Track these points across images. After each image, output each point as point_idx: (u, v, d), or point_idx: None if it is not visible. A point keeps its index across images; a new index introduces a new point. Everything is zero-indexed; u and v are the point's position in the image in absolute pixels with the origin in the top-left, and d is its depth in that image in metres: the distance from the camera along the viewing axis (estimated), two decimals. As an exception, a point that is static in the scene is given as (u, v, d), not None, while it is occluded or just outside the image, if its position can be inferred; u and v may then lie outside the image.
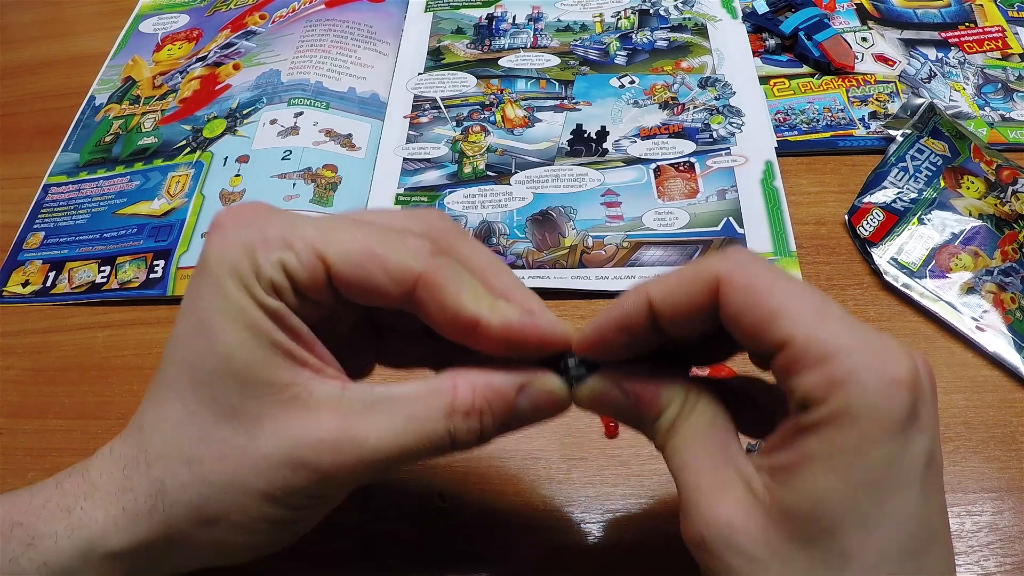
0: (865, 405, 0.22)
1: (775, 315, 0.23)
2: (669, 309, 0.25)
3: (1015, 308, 0.43)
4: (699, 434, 0.27)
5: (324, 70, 0.58)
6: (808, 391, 0.23)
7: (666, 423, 0.27)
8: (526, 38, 0.60)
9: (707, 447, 0.26)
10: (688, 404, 0.27)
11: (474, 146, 0.53)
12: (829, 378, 0.22)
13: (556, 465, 0.39)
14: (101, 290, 0.48)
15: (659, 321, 0.26)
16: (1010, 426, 0.39)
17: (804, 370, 0.23)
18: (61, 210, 0.53)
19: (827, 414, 0.22)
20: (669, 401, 0.27)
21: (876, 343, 0.23)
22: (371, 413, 0.26)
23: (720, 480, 0.25)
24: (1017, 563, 0.35)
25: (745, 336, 0.24)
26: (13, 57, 0.64)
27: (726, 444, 0.26)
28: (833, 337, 0.23)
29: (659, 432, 0.27)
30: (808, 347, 0.23)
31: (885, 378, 0.22)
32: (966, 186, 0.47)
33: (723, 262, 0.25)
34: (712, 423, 0.27)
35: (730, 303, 0.24)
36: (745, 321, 0.24)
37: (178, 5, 0.68)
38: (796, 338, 0.23)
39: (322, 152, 0.53)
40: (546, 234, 0.48)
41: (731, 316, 0.24)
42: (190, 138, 0.56)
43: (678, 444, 0.27)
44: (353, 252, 0.25)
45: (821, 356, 0.23)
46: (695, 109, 0.54)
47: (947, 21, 0.59)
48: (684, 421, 0.27)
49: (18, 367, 0.45)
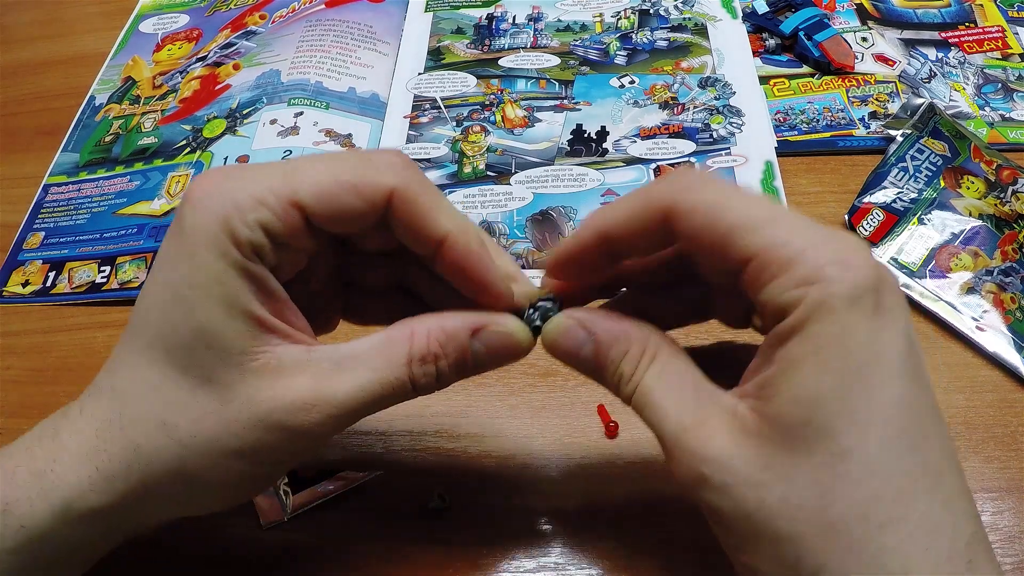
0: (837, 296, 0.22)
1: (732, 232, 0.24)
2: (620, 235, 0.26)
3: (1015, 308, 0.43)
4: (670, 375, 0.26)
5: (324, 70, 0.58)
6: (781, 296, 0.23)
7: (630, 365, 0.27)
8: (526, 38, 0.60)
9: (681, 386, 0.26)
10: (652, 345, 0.27)
11: (474, 146, 0.53)
12: (799, 279, 0.23)
13: (556, 465, 0.39)
14: (101, 290, 0.48)
15: (612, 247, 0.27)
16: (1010, 426, 0.39)
17: (773, 278, 0.23)
18: (61, 210, 0.53)
19: (804, 314, 0.23)
20: (633, 341, 0.27)
21: (834, 240, 0.23)
22: (337, 371, 0.27)
23: (704, 416, 0.25)
24: (1017, 563, 0.35)
25: (707, 260, 0.25)
26: (13, 57, 0.64)
27: (698, 382, 0.26)
28: (793, 240, 0.23)
29: (624, 377, 0.27)
30: (772, 256, 0.23)
31: (851, 269, 0.23)
32: (966, 186, 0.47)
33: (671, 187, 0.25)
34: (680, 364, 0.27)
35: (686, 229, 0.25)
36: (705, 244, 0.24)
37: (178, 5, 0.68)
38: (759, 250, 0.23)
39: (322, 152, 0.53)
40: (546, 234, 0.48)
41: (689, 237, 0.25)
42: (190, 138, 0.56)
43: (650, 386, 0.26)
44: (323, 185, 0.26)
45: (786, 261, 0.23)
46: (695, 109, 0.54)
47: (947, 21, 0.59)
48: (653, 364, 0.27)
49: (18, 367, 0.45)
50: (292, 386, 0.26)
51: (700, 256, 0.25)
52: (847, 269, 0.23)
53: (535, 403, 0.41)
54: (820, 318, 0.23)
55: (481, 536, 0.36)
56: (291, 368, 0.26)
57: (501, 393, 0.41)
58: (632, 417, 0.37)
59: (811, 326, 0.23)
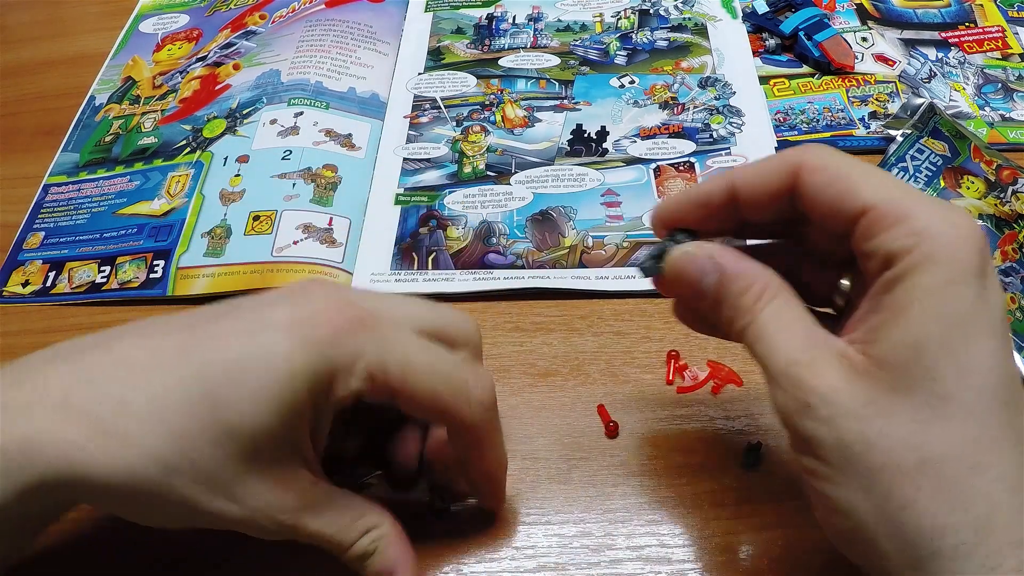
0: (947, 249, 0.24)
1: (855, 187, 0.26)
2: (750, 189, 0.29)
3: (1015, 308, 0.43)
4: (786, 314, 0.28)
5: (324, 70, 0.58)
6: (893, 245, 0.25)
7: (750, 300, 0.28)
8: (526, 38, 0.60)
9: (794, 326, 0.27)
10: (773, 286, 0.28)
11: (474, 146, 0.53)
12: (912, 230, 0.25)
13: (556, 465, 0.38)
14: (101, 290, 0.48)
15: (739, 199, 0.29)
16: (1010, 426, 0.39)
17: (888, 228, 0.25)
18: (61, 210, 0.53)
19: (914, 262, 0.25)
20: (756, 279, 0.28)
21: (945, 206, 0.26)
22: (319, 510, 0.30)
23: (816, 354, 0.26)
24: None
25: (826, 210, 0.27)
26: (13, 57, 0.64)
27: (810, 326, 0.28)
28: (909, 200, 0.26)
29: (741, 310, 0.28)
30: (889, 208, 0.25)
31: (960, 230, 0.25)
32: (966, 186, 0.47)
33: (804, 152, 0.28)
34: (797, 307, 0.28)
35: (813, 181, 0.27)
36: (827, 194, 0.27)
37: (178, 5, 0.68)
38: (877, 203, 0.26)
39: (322, 152, 0.53)
40: (546, 234, 0.48)
41: (814, 192, 0.27)
42: (190, 138, 0.56)
43: (767, 320, 0.27)
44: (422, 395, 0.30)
45: (902, 214, 0.25)
46: (695, 109, 0.54)
47: (947, 21, 0.59)
48: (772, 302, 0.28)
49: (18, 367, 0.45)
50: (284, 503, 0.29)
51: (818, 207, 0.28)
52: (958, 229, 0.25)
53: (535, 403, 0.41)
54: (929, 268, 0.24)
55: (481, 536, 0.36)
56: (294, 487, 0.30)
57: (501, 393, 0.41)
58: (632, 417, 0.37)
59: (919, 275, 0.24)
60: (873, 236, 0.26)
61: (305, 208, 0.50)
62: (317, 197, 0.50)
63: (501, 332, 0.44)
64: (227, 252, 0.48)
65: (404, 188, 0.51)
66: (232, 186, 0.51)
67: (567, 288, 0.45)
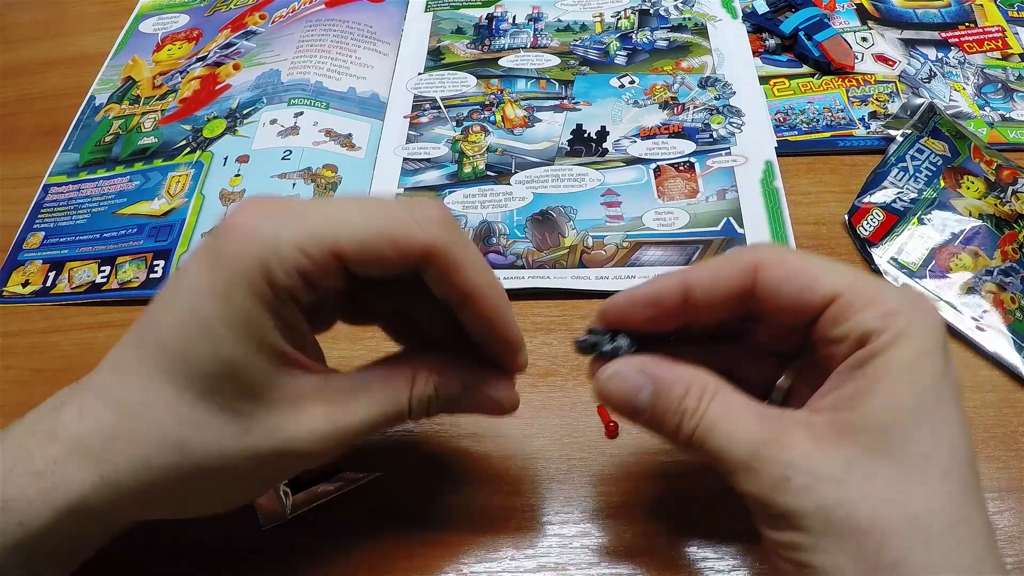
0: (915, 327, 0.26)
1: (819, 278, 0.27)
2: (706, 290, 0.29)
3: (1015, 308, 0.43)
4: (734, 404, 0.28)
5: (324, 70, 0.58)
6: (868, 325, 0.26)
7: (693, 401, 0.28)
8: (526, 38, 0.60)
9: (748, 410, 0.28)
10: (711, 383, 0.28)
11: (474, 146, 0.53)
12: (883, 312, 0.26)
13: (556, 465, 0.39)
14: (101, 290, 0.48)
15: (693, 300, 0.29)
16: (1010, 426, 0.39)
17: (860, 311, 0.26)
18: (61, 210, 0.53)
19: (888, 339, 0.26)
20: (693, 381, 0.28)
21: (906, 289, 0.28)
22: (350, 401, 0.29)
23: (780, 430, 0.27)
24: (1017, 563, 0.35)
25: (786, 303, 0.28)
26: (13, 57, 0.64)
27: (762, 409, 0.28)
28: (874, 286, 0.27)
29: (688, 412, 0.28)
30: (858, 294, 0.27)
31: (924, 310, 0.27)
32: (966, 186, 0.47)
33: (759, 250, 0.29)
34: (741, 397, 0.28)
35: (773, 276, 0.28)
36: (790, 287, 0.28)
37: (178, 5, 0.68)
38: (844, 290, 0.27)
39: (322, 152, 0.53)
40: (546, 234, 0.48)
41: (775, 287, 0.28)
42: (190, 138, 0.56)
43: (717, 414, 0.27)
44: (365, 235, 0.27)
45: (871, 298, 0.27)
46: (695, 109, 0.54)
47: (947, 21, 0.59)
48: (715, 395, 0.28)
49: (18, 367, 0.45)
50: (310, 417, 0.28)
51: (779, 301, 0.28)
52: (922, 309, 0.27)
53: (535, 403, 0.41)
54: (902, 344, 0.26)
55: (481, 536, 0.36)
56: (309, 398, 0.28)
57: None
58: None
59: (894, 350, 0.26)
60: (845, 320, 0.27)
61: (305, 208, 0.50)
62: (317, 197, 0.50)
63: (501, 332, 0.44)
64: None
65: (404, 188, 0.51)
66: (232, 186, 0.51)
67: (567, 288, 0.45)
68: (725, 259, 0.29)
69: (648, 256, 0.47)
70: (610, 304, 0.31)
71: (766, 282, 0.28)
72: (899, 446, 0.25)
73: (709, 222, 0.48)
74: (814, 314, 0.27)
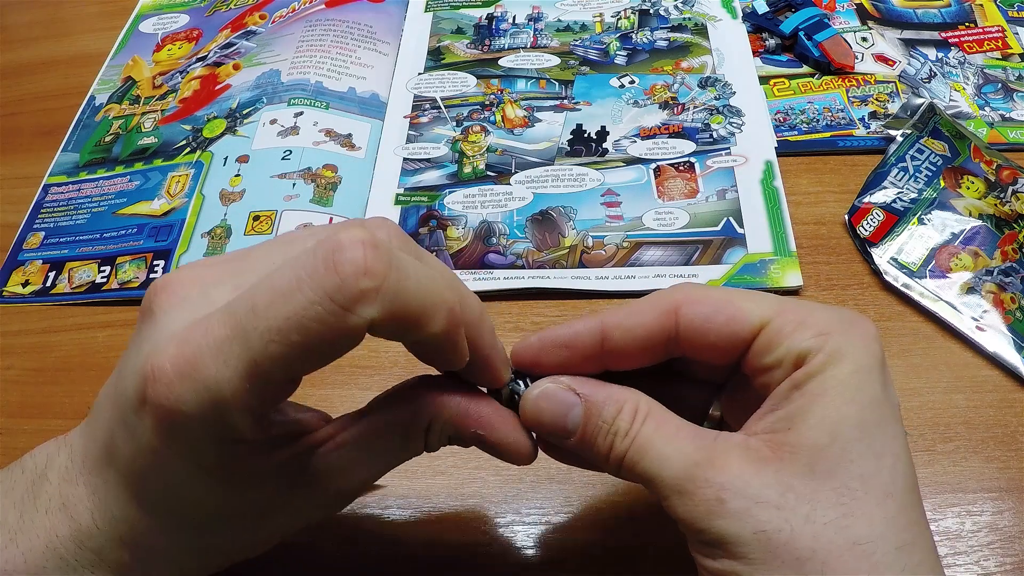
0: (852, 345, 0.25)
1: (744, 309, 0.27)
2: (624, 334, 0.27)
3: (1015, 308, 0.43)
4: (670, 422, 0.27)
5: (324, 70, 0.58)
6: (802, 346, 0.25)
7: (625, 422, 0.27)
8: (526, 38, 0.60)
9: (681, 434, 0.26)
10: (644, 403, 0.27)
11: (474, 146, 0.53)
12: (816, 332, 0.26)
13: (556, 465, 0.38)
14: (101, 290, 0.48)
15: (609, 345, 0.27)
16: (1010, 426, 0.39)
17: (791, 334, 0.26)
18: (61, 210, 0.53)
19: (824, 359, 0.25)
20: (625, 401, 0.27)
21: (837, 308, 0.27)
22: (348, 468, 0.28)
23: (714, 452, 0.25)
24: (1017, 563, 0.35)
25: (712, 339, 0.27)
26: (13, 57, 0.64)
27: (697, 430, 0.27)
28: (803, 307, 0.27)
29: (620, 433, 0.26)
30: (786, 318, 0.26)
31: (860, 327, 0.26)
32: (966, 186, 0.47)
33: (677, 290, 0.28)
34: (675, 418, 0.27)
35: (696, 313, 0.27)
36: (715, 322, 0.27)
37: (178, 5, 0.68)
38: (773, 316, 0.26)
39: (322, 152, 0.53)
40: (546, 234, 0.48)
41: (699, 324, 0.27)
42: (190, 138, 0.56)
43: (650, 435, 0.26)
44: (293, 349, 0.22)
45: (801, 320, 0.26)
46: (695, 109, 0.54)
47: (947, 21, 0.59)
48: (648, 418, 0.27)
49: (18, 367, 0.45)
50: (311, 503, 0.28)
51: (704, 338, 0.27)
52: (857, 326, 0.26)
53: (535, 403, 0.41)
54: (839, 362, 0.25)
55: (481, 537, 0.36)
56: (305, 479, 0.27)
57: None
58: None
59: (832, 368, 0.25)
60: (777, 345, 0.26)
61: (305, 208, 0.50)
62: (317, 197, 0.50)
63: (501, 332, 0.43)
64: (227, 252, 0.48)
65: (404, 188, 0.51)
66: (232, 186, 0.51)
67: (567, 288, 0.45)
68: (644, 300, 0.28)
69: (648, 256, 0.47)
70: (523, 345, 0.29)
71: (689, 320, 0.27)
72: (839, 465, 0.24)
73: (709, 222, 0.48)
74: (744, 345, 0.26)
